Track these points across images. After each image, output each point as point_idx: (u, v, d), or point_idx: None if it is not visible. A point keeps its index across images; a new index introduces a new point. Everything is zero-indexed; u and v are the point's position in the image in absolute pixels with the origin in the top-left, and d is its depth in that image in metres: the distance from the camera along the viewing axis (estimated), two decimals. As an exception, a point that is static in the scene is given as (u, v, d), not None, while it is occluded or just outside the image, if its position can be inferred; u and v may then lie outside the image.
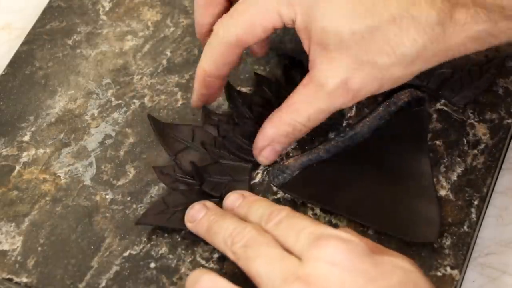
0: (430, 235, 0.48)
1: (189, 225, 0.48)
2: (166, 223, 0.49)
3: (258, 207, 0.46)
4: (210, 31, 0.50)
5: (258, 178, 0.52)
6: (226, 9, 0.51)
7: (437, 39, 0.44)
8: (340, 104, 0.47)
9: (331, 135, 0.52)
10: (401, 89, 0.52)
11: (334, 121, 0.52)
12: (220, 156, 0.52)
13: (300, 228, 0.43)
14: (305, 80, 0.48)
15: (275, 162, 0.51)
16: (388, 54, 0.45)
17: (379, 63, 0.45)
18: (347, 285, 0.40)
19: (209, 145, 0.52)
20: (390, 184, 0.50)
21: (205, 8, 0.52)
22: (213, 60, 0.50)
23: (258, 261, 0.42)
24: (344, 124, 0.53)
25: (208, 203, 0.48)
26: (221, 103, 0.55)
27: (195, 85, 0.52)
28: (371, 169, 0.51)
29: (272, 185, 0.51)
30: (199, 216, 0.47)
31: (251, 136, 0.51)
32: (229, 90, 0.54)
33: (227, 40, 0.49)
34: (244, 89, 0.55)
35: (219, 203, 0.49)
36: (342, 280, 0.40)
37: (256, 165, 0.52)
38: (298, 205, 0.50)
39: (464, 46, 0.45)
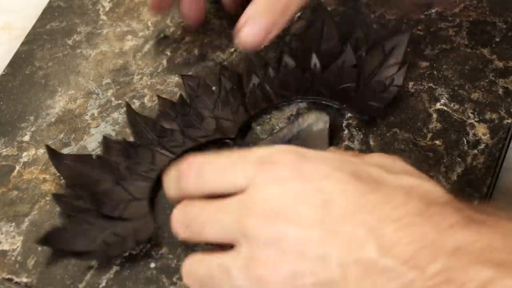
0: None
1: None
2: (66, 247, 0.48)
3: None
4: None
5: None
6: None
7: None
8: None
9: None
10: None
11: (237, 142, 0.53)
12: (121, 178, 0.51)
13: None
14: None
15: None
16: None
17: None
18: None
19: (109, 170, 0.51)
20: None
21: None
22: None
23: (208, 229, 0.40)
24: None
25: None
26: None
27: None
28: None
29: None
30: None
31: (153, 157, 0.51)
32: (130, 113, 0.54)
33: None
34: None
35: (120, 223, 0.48)
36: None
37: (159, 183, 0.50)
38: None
39: None
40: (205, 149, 0.52)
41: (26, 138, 0.55)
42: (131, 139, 0.54)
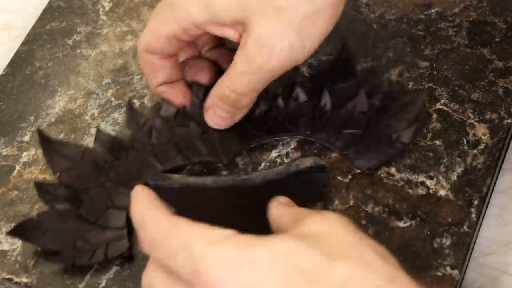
0: None
1: None
2: (36, 241, 0.48)
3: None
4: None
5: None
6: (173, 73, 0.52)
7: None
8: (259, 64, 0.47)
9: (224, 173, 0.52)
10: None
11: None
12: (106, 179, 0.50)
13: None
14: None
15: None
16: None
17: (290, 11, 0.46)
18: None
19: (97, 167, 0.51)
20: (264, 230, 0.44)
21: (153, 75, 0.52)
22: (142, 68, 0.52)
23: None
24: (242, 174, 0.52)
25: None
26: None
27: None
28: (250, 212, 0.46)
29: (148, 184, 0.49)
30: None
31: (142, 164, 0.51)
32: (129, 114, 0.54)
33: (141, 49, 0.51)
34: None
35: (94, 229, 0.48)
36: None
37: None
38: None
39: None
40: (194, 167, 0.52)
41: (26, 138, 0.55)
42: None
